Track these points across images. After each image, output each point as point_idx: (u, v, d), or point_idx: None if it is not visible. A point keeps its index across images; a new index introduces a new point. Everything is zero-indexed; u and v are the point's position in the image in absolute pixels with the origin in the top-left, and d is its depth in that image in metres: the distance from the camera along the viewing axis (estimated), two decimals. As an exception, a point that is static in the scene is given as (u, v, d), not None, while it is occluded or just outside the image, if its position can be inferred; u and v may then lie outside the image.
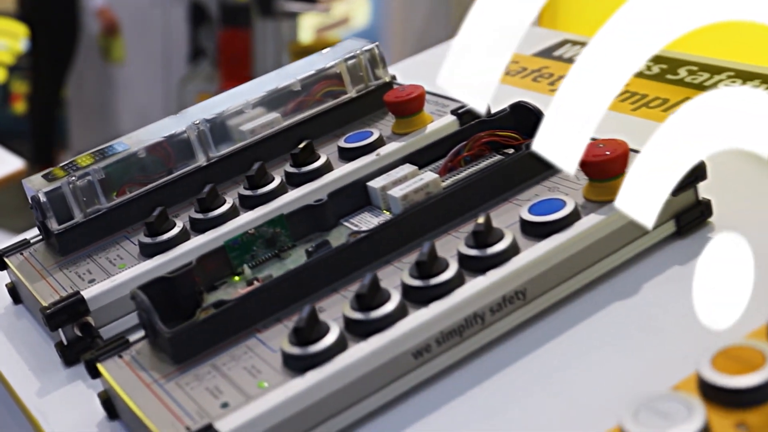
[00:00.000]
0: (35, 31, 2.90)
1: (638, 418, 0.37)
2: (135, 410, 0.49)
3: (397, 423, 0.48)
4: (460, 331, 0.50)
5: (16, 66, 3.25)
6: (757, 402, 0.37)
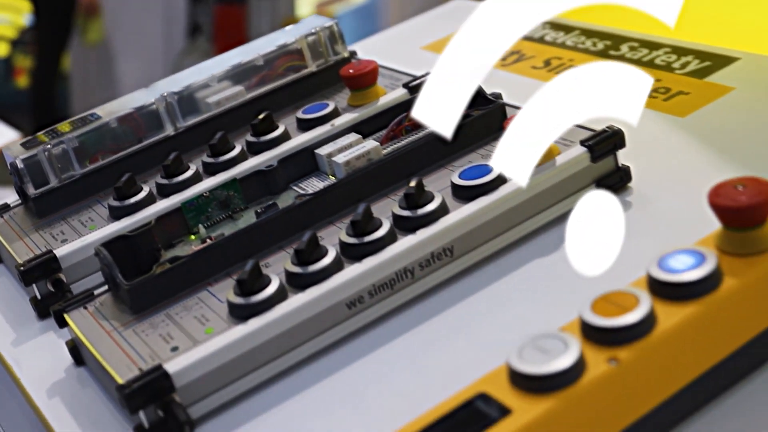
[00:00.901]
0: (38, 5, 2.94)
1: (522, 354, 0.42)
2: (96, 355, 0.54)
3: (331, 367, 0.53)
4: (391, 285, 0.55)
5: (19, 40, 3.29)
6: (627, 340, 0.42)
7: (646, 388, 0.42)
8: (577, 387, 0.40)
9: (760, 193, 0.44)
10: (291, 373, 0.54)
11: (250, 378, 0.53)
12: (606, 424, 0.41)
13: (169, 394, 0.50)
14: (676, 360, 0.42)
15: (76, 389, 0.57)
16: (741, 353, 0.44)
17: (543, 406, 0.40)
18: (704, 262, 0.43)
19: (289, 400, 0.52)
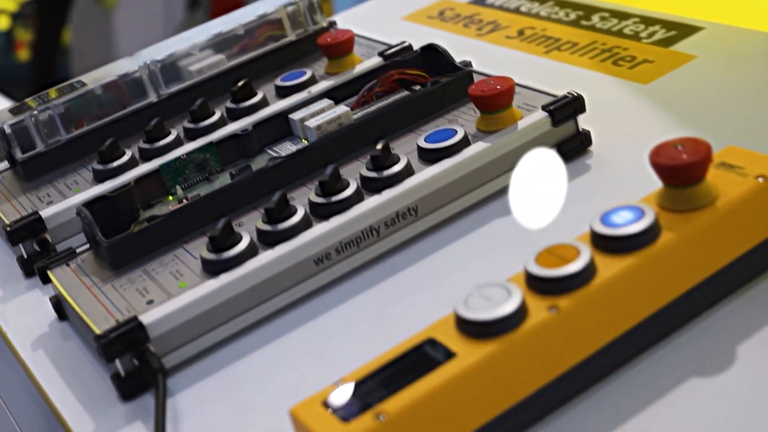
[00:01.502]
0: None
1: (468, 303, 0.44)
2: (76, 309, 0.57)
3: (298, 320, 0.56)
4: (357, 242, 0.58)
5: (19, 13, 3.31)
6: (567, 289, 0.44)
7: (585, 334, 0.45)
8: (518, 332, 0.43)
9: (697, 153, 0.47)
10: (260, 326, 0.56)
11: (221, 330, 0.55)
12: (546, 368, 0.44)
13: (143, 343, 0.53)
14: (614, 309, 0.45)
15: (59, 342, 0.60)
16: (677, 303, 0.47)
17: (485, 350, 0.43)
18: (643, 217, 0.46)
19: (258, 350, 0.55)
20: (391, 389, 0.42)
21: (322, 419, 0.42)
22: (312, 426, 0.41)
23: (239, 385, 0.53)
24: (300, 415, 0.42)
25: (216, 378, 0.54)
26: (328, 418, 0.41)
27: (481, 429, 0.43)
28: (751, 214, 0.48)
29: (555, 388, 0.44)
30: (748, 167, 0.49)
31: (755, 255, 0.48)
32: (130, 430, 0.52)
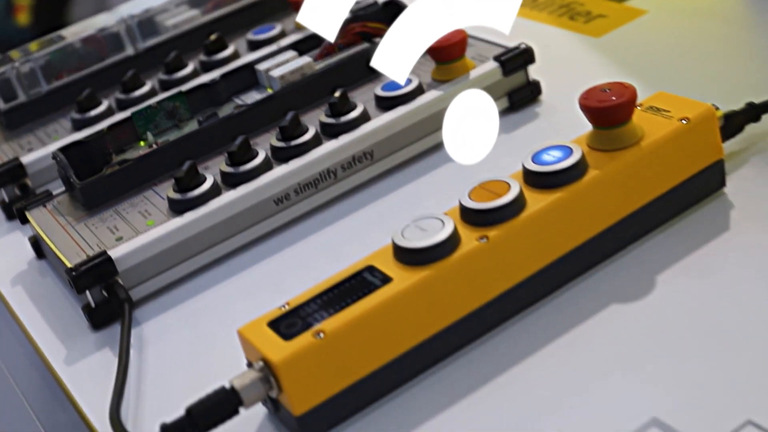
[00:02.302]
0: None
1: (404, 233, 0.48)
2: (51, 246, 0.61)
3: (258, 257, 0.60)
4: (315, 184, 0.61)
5: (18, -22, 3.33)
6: (496, 221, 0.48)
7: (513, 263, 0.48)
8: (450, 260, 0.47)
9: (622, 96, 0.50)
10: (223, 262, 0.60)
11: (185, 265, 0.59)
12: (476, 295, 0.48)
13: (112, 276, 0.57)
14: (541, 240, 0.49)
15: (36, 278, 0.64)
16: (602, 237, 0.50)
17: (419, 275, 0.46)
18: (570, 156, 0.50)
19: (220, 284, 0.59)
20: (331, 311, 0.46)
21: (266, 338, 0.45)
22: (256, 344, 0.45)
23: (201, 315, 0.57)
24: (246, 335, 0.46)
25: (179, 309, 0.58)
26: (271, 337, 0.45)
27: (413, 350, 0.47)
28: (673, 154, 0.51)
29: (484, 314, 0.48)
30: (674, 111, 0.52)
31: (677, 193, 0.52)
32: (99, 355, 0.56)
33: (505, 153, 0.56)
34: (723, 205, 0.53)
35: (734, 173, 0.54)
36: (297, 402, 0.44)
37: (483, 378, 0.46)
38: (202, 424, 0.44)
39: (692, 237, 0.51)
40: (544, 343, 0.47)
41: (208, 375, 0.47)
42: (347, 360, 0.45)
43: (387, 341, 0.46)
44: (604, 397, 0.44)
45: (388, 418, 0.46)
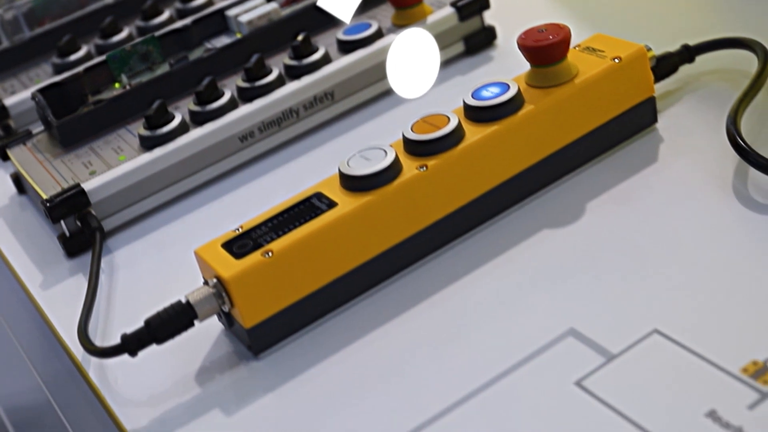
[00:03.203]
0: None
1: (350, 162, 0.52)
2: (30, 181, 0.64)
3: (223, 190, 0.64)
4: (278, 123, 0.65)
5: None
6: (435, 151, 0.51)
7: (450, 191, 0.52)
8: (391, 186, 0.50)
9: (557, 35, 0.54)
10: (190, 195, 0.64)
11: (155, 198, 0.63)
12: (415, 220, 0.51)
13: (85, 207, 0.60)
14: (478, 170, 0.52)
15: (17, 212, 0.68)
16: (536, 168, 0.54)
17: (362, 200, 0.50)
18: (507, 91, 0.53)
19: (187, 215, 0.62)
20: (279, 233, 0.49)
21: (219, 257, 0.49)
22: (210, 262, 0.49)
23: (168, 244, 0.60)
24: (202, 254, 0.50)
25: (148, 238, 0.61)
26: (224, 256, 0.49)
27: (356, 270, 0.50)
28: (604, 90, 0.54)
29: (424, 238, 0.52)
30: (608, 51, 0.56)
31: (609, 127, 0.55)
32: (72, 280, 0.59)
33: (458, 94, 0.59)
34: (654, 140, 0.56)
35: (667, 111, 0.58)
36: (247, 315, 0.48)
37: (422, 294, 0.50)
38: (160, 334, 0.48)
39: (622, 168, 0.55)
40: (478, 265, 0.51)
41: (172, 295, 0.51)
42: (294, 278, 0.49)
43: (331, 261, 0.50)
44: (529, 310, 0.47)
45: (333, 332, 0.50)
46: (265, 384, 0.48)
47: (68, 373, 0.54)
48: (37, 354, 0.61)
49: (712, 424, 0.40)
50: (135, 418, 0.48)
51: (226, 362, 0.50)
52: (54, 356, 0.56)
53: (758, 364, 0.41)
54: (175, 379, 0.49)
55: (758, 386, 0.40)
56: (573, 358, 0.44)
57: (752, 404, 0.40)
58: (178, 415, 0.47)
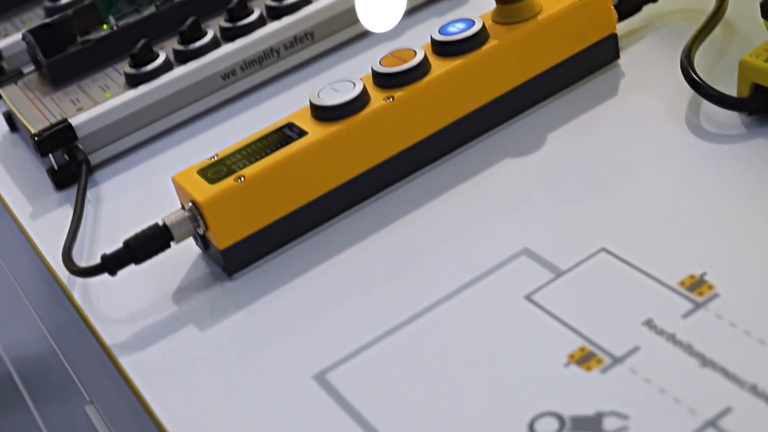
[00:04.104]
0: None
1: (320, 94, 0.54)
2: (20, 117, 0.67)
3: (206, 127, 0.66)
4: (260, 62, 0.67)
5: None
6: (402, 83, 0.54)
7: (416, 122, 0.54)
8: (358, 116, 0.53)
9: (521, -27, 0.56)
10: (174, 131, 0.67)
11: (140, 133, 0.66)
12: (382, 149, 0.54)
13: (72, 141, 0.63)
14: (443, 102, 0.55)
15: (9, 149, 0.71)
16: (501, 100, 0.56)
17: (331, 129, 0.53)
18: (472, 27, 0.55)
19: (171, 150, 0.65)
20: (252, 160, 0.52)
21: (194, 182, 0.52)
22: (186, 187, 0.52)
23: (152, 176, 0.63)
24: (179, 180, 0.53)
25: (133, 172, 0.64)
26: (199, 181, 0.52)
27: (325, 196, 0.53)
28: (567, 27, 0.57)
29: (390, 166, 0.54)
30: (572, -11, 0.58)
31: (572, 63, 0.58)
32: (60, 211, 0.62)
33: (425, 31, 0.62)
34: (615, 75, 0.59)
35: (630, 48, 0.60)
36: (220, 237, 0.51)
37: (387, 219, 0.53)
38: (138, 255, 0.51)
39: (583, 102, 0.57)
40: (441, 192, 0.54)
41: (154, 221, 0.54)
42: (265, 202, 0.52)
43: (300, 187, 0.52)
44: (487, 232, 0.50)
45: (302, 255, 0.52)
46: (238, 302, 0.51)
47: (57, 299, 0.57)
48: (35, 295, 0.64)
49: (648, 331, 0.42)
50: (115, 333, 0.51)
51: (202, 283, 0.53)
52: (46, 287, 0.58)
53: (695, 278, 0.44)
54: (154, 299, 0.52)
55: (693, 297, 0.43)
56: (525, 275, 0.47)
57: (686, 313, 0.43)
58: (156, 331, 0.50)
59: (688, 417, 0.38)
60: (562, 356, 0.42)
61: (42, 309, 0.60)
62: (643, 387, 0.40)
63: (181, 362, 0.48)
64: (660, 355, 0.41)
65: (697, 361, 0.40)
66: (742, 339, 0.41)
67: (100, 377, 0.56)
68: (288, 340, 0.48)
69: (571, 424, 0.39)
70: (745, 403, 0.38)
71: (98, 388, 0.61)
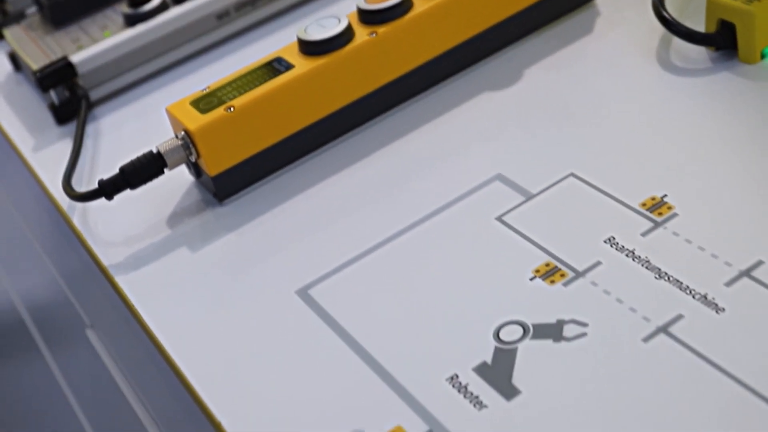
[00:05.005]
0: None
1: (307, 30, 0.57)
2: (22, 56, 0.70)
3: (200, 65, 0.69)
4: (253, 2, 0.70)
5: None
6: (386, 20, 0.56)
7: (399, 57, 0.57)
8: (343, 51, 0.55)
9: None
10: (171, 69, 0.69)
11: (138, 71, 0.68)
12: (366, 82, 0.56)
13: (72, 77, 0.66)
14: (425, 38, 0.57)
15: (13, 87, 0.74)
16: (480, 38, 0.59)
17: (317, 63, 0.55)
18: (453, -34, 0.58)
19: (167, 87, 0.68)
20: (242, 91, 0.55)
21: (187, 112, 0.54)
22: (179, 117, 0.54)
23: (149, 111, 0.66)
24: (172, 111, 0.55)
25: (131, 107, 0.67)
26: (191, 112, 0.54)
27: (311, 127, 0.56)
28: (545, -34, 0.59)
29: (374, 99, 0.57)
30: (551, -70, 0.60)
31: (549, 2, 0.60)
32: (61, 144, 0.65)
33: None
34: (592, 14, 0.61)
35: (607, -12, 0.63)
36: (211, 165, 0.54)
37: (370, 149, 0.56)
38: (133, 180, 0.54)
39: (560, 39, 0.60)
40: (422, 123, 0.56)
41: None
42: (254, 131, 0.54)
43: (287, 118, 0.55)
44: (464, 160, 0.53)
45: (289, 182, 0.55)
46: (228, 225, 0.54)
47: (57, 227, 0.60)
48: (37, 225, 0.67)
49: (609, 248, 0.45)
50: (112, 255, 0.54)
51: (195, 208, 0.55)
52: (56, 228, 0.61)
53: (656, 199, 0.47)
54: (149, 224, 0.55)
55: (653, 217, 0.46)
56: (497, 198, 0.50)
57: (645, 231, 0.45)
58: (150, 253, 0.53)
59: (642, 323, 0.41)
60: (528, 271, 0.45)
61: (43, 237, 0.63)
62: (602, 298, 0.43)
63: (174, 281, 0.51)
64: (619, 270, 0.44)
65: (653, 274, 0.43)
66: (696, 254, 0.44)
67: (99, 300, 0.60)
68: (273, 260, 0.50)
69: (534, 331, 0.42)
70: (696, 311, 0.41)
71: (97, 310, 0.64)
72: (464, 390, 0.41)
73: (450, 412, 0.40)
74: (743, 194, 0.46)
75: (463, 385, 0.41)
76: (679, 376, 0.39)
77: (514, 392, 0.40)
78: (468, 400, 0.40)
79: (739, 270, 0.42)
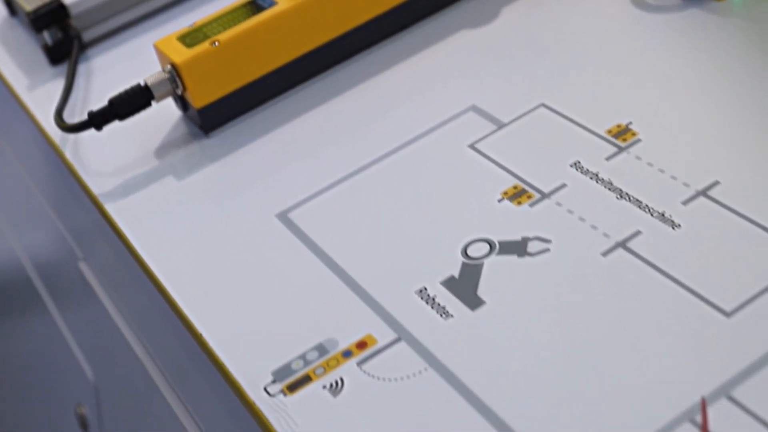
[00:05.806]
0: None
1: (291, -34, 0.58)
2: (19, 0, 0.71)
3: (191, 6, 0.70)
4: (241, -53, 0.71)
5: None
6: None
7: None
8: (325, -12, 0.57)
9: None
10: (161, 13, 0.71)
11: (129, 12, 0.70)
12: (347, 19, 0.58)
13: (65, 19, 0.68)
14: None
15: (8, 32, 0.75)
16: None
17: (299, 0, 0.57)
18: None
19: (158, 29, 0.69)
20: (227, 27, 0.57)
21: (174, 47, 0.56)
22: (166, 52, 0.56)
23: (140, 52, 0.67)
24: (160, 46, 0.57)
25: (123, 48, 0.69)
26: (178, 46, 0.56)
27: (293, 63, 0.57)
28: None
29: (355, 36, 0.59)
30: None
31: (528, -58, 0.62)
32: (54, 83, 0.67)
33: None
34: (570, -45, 0.63)
35: (586, -69, 0.64)
36: (197, 97, 0.56)
37: (350, 83, 0.57)
38: (121, 111, 0.56)
39: (538, -21, 0.61)
40: (401, 59, 0.58)
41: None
42: (238, 65, 0.56)
43: (270, 53, 0.57)
44: (440, 92, 0.55)
45: (273, 115, 0.57)
46: (213, 156, 0.56)
47: (50, 161, 0.62)
48: (30, 160, 0.69)
49: (574, 171, 0.47)
50: (102, 184, 0.56)
51: (181, 140, 0.57)
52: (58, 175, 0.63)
53: (621, 127, 0.49)
54: (137, 155, 0.57)
55: (617, 143, 0.48)
56: (471, 128, 0.52)
57: (610, 156, 0.47)
58: (138, 182, 0.55)
59: (602, 239, 0.43)
60: (497, 193, 0.47)
61: (35, 171, 0.65)
62: (566, 216, 0.45)
63: (160, 208, 0.53)
64: (583, 191, 0.46)
65: (615, 195, 0.45)
66: (656, 176, 0.46)
67: (90, 231, 0.62)
68: (255, 187, 0.52)
69: (500, 247, 0.44)
70: (653, 228, 0.43)
71: (89, 243, 0.66)
72: (432, 301, 0.43)
73: (418, 321, 0.42)
74: (705, 122, 0.48)
75: (431, 297, 0.43)
76: (636, 288, 0.41)
77: (479, 303, 0.42)
78: (435, 311, 0.42)
79: (696, 190, 0.44)
